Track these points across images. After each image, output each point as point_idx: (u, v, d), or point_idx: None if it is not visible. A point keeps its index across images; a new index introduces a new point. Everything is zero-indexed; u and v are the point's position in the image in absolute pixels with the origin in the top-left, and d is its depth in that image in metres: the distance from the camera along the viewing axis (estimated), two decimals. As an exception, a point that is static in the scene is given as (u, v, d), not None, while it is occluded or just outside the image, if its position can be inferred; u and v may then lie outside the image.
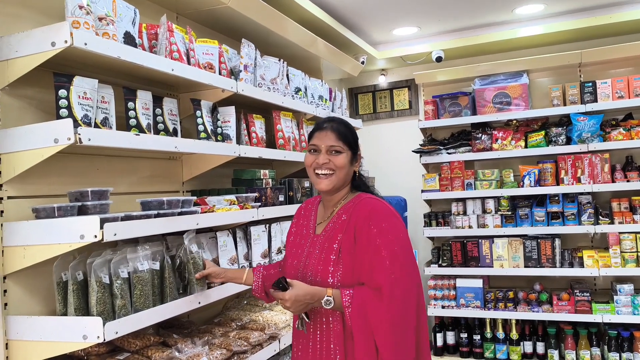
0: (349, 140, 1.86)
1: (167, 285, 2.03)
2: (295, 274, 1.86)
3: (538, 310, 4.17)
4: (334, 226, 1.83)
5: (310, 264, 1.83)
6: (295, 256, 1.92)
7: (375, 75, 5.34)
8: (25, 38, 1.76)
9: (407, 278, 1.70)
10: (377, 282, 1.68)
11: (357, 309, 1.67)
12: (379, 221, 1.74)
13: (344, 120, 1.94)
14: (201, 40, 2.44)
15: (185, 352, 2.03)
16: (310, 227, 1.94)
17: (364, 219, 1.75)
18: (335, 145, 1.83)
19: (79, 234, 1.67)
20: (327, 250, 1.80)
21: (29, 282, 1.88)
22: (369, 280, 1.71)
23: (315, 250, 1.84)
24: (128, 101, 2.06)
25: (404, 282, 1.69)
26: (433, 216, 4.65)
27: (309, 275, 1.81)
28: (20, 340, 1.79)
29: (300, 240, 1.95)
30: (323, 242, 1.83)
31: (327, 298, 1.70)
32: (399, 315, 1.66)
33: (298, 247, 1.93)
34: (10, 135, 1.79)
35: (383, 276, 1.67)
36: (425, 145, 4.64)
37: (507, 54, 4.81)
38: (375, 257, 1.70)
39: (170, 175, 2.62)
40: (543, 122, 4.46)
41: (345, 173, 1.85)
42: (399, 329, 1.66)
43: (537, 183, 4.24)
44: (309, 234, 1.93)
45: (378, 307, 1.66)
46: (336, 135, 1.84)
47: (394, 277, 1.67)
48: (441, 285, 4.50)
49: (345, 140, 1.85)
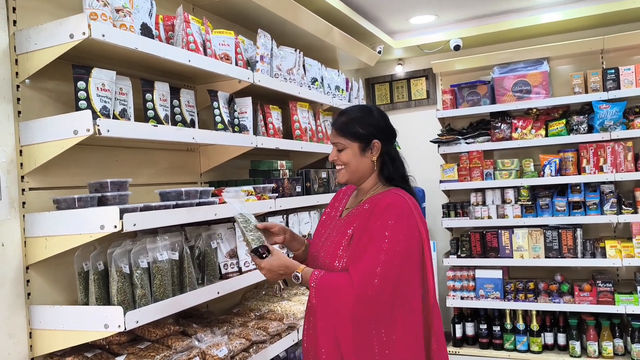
0: (352, 132, 1.82)
1: (186, 275, 2.05)
2: (314, 252, 1.91)
3: (559, 301, 4.11)
4: (355, 213, 1.84)
5: (326, 245, 1.86)
6: (319, 235, 1.96)
7: (392, 64, 5.30)
8: (44, 31, 1.77)
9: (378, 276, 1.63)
10: (352, 270, 1.67)
11: (320, 291, 1.68)
12: (387, 217, 1.71)
13: (353, 110, 1.89)
14: (217, 31, 2.44)
15: (205, 341, 2.05)
16: (339, 211, 1.98)
17: (379, 211, 1.74)
18: (337, 142, 1.85)
19: (99, 225, 1.69)
20: (341, 235, 1.82)
21: (51, 272, 1.91)
22: (350, 267, 1.70)
23: (333, 233, 1.87)
24: (146, 92, 2.07)
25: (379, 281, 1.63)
26: (452, 207, 4.61)
27: (322, 255, 1.84)
28: (43, 330, 1.82)
29: (328, 221, 1.98)
30: (341, 227, 1.85)
31: (296, 274, 1.74)
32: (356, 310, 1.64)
33: (324, 227, 1.97)
34: (30, 128, 1.81)
35: (359, 267, 1.66)
36: (443, 135, 4.60)
37: (526, 41, 4.72)
38: (363, 247, 1.69)
39: (188, 166, 2.63)
40: (564, 111, 4.38)
41: (356, 165, 1.83)
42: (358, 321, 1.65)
43: (558, 172, 4.17)
44: (335, 217, 1.96)
45: (340, 292, 1.66)
46: (337, 132, 1.85)
47: (363, 269, 1.64)
48: (460, 276, 4.47)
49: (348, 134, 1.82)
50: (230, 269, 2.34)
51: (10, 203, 1.80)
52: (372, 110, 1.89)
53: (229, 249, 2.37)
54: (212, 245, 2.27)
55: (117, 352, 1.94)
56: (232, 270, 2.35)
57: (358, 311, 1.65)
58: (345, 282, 1.66)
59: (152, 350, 1.93)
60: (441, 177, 4.56)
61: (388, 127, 1.88)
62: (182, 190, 2.04)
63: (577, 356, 4.06)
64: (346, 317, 1.66)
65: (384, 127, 1.86)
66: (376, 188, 1.86)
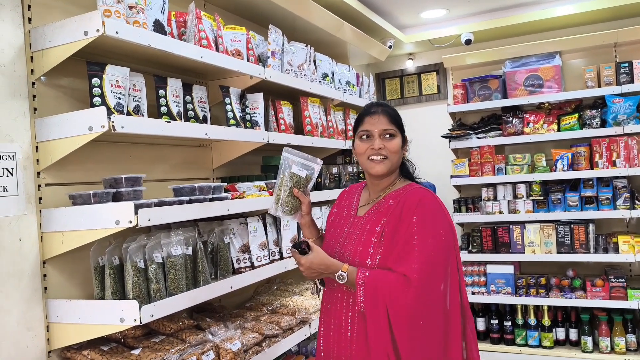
0: (400, 124, 1.83)
1: (199, 270, 2.06)
2: (332, 253, 1.84)
3: (571, 297, 4.09)
4: (379, 210, 1.80)
5: (349, 244, 1.81)
6: (333, 236, 1.91)
7: (403, 59, 5.28)
8: (59, 28, 1.79)
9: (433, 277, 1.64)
10: (402, 269, 1.64)
11: (371, 290, 1.64)
12: (423, 212, 1.70)
13: (391, 105, 1.91)
14: (229, 27, 2.44)
15: (219, 335, 2.07)
16: (351, 209, 1.93)
17: (410, 207, 1.71)
18: (389, 128, 1.79)
19: (115, 220, 1.71)
20: (369, 233, 1.77)
21: (67, 266, 1.94)
22: (395, 266, 1.67)
23: (355, 232, 1.82)
24: (159, 89, 2.08)
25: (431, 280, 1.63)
26: (463, 202, 4.59)
27: (347, 255, 1.79)
28: (60, 323, 1.84)
29: (340, 220, 1.93)
30: (364, 224, 1.81)
31: (341, 273, 1.68)
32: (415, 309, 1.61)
33: (337, 227, 1.93)
34: (46, 124, 1.84)
35: (408, 264, 1.63)
36: (454, 130, 4.58)
37: (538, 35, 4.68)
38: (406, 245, 1.67)
39: (201, 162, 2.65)
40: (576, 105, 4.34)
41: (399, 157, 1.82)
42: (417, 321, 1.61)
43: (571, 167, 4.14)
44: (349, 216, 1.91)
45: (398, 291, 1.62)
46: (389, 119, 1.80)
47: (416, 267, 1.62)
48: (471, 272, 4.46)
49: (397, 124, 1.82)
50: (242, 264, 2.35)
51: (27, 199, 1.82)
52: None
53: (242, 244, 2.39)
54: (224, 241, 2.29)
55: (132, 345, 1.96)
56: (245, 265, 2.37)
57: (416, 310, 1.61)
58: (399, 281, 1.62)
59: (167, 344, 1.95)
60: (452, 172, 4.54)
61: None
62: (196, 185, 2.05)
63: (589, 352, 4.04)
64: (404, 316, 1.61)
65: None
66: (395, 183, 1.85)
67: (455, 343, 1.69)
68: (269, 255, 2.52)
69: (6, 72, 1.78)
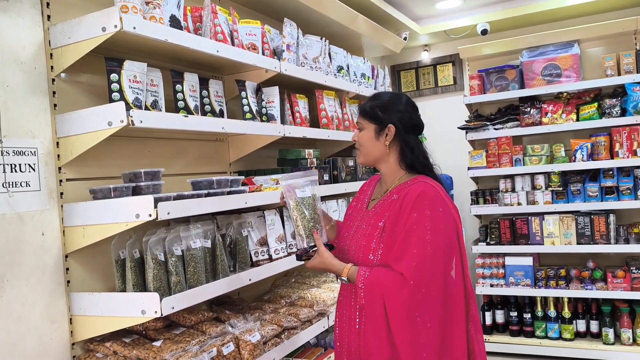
0: (371, 115, 1.84)
1: (218, 262, 2.08)
2: (343, 246, 1.90)
3: (592, 288, 4.05)
4: (384, 204, 1.81)
5: (356, 238, 1.85)
6: (347, 228, 1.94)
7: (418, 51, 5.24)
8: (77, 25, 1.81)
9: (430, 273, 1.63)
10: (399, 267, 1.65)
11: (368, 290, 1.69)
12: (422, 207, 1.68)
13: (383, 95, 1.90)
14: (244, 21, 2.45)
15: (238, 327, 2.09)
16: (365, 202, 1.96)
17: (410, 202, 1.70)
18: (358, 121, 1.90)
19: (135, 213, 1.73)
20: (372, 227, 1.79)
21: (88, 260, 1.97)
22: (394, 263, 1.67)
23: (363, 225, 1.85)
24: (176, 84, 2.10)
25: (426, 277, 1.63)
26: (480, 194, 4.56)
27: (353, 249, 1.83)
28: (82, 316, 1.88)
29: (355, 213, 1.96)
30: (370, 219, 1.83)
31: (342, 278, 1.76)
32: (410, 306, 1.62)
33: (351, 219, 1.95)
34: (66, 120, 1.86)
35: (404, 262, 1.64)
36: (471, 122, 4.54)
37: (556, 23, 4.61)
38: (404, 242, 1.67)
39: (218, 156, 2.67)
40: (596, 94, 4.27)
41: (370, 148, 1.85)
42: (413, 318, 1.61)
43: (590, 157, 4.08)
44: (362, 209, 1.94)
45: (393, 291, 1.63)
46: (359, 113, 1.90)
47: (413, 265, 1.62)
48: (489, 264, 4.43)
49: (367, 116, 1.86)
50: (260, 257, 2.37)
51: (49, 194, 1.85)
52: (401, 98, 1.87)
53: (260, 236, 2.40)
54: (242, 234, 2.30)
55: (153, 337, 1.99)
56: (263, 257, 2.38)
57: (412, 307, 1.62)
58: (396, 280, 1.64)
59: (187, 336, 1.97)
60: (469, 164, 4.51)
61: (411, 117, 1.84)
62: (214, 179, 2.07)
63: (610, 343, 3.99)
64: (401, 315, 1.62)
65: (406, 117, 1.83)
66: (401, 177, 1.84)
67: (458, 333, 1.68)
68: (286, 248, 2.53)
69: (27, 69, 1.81)
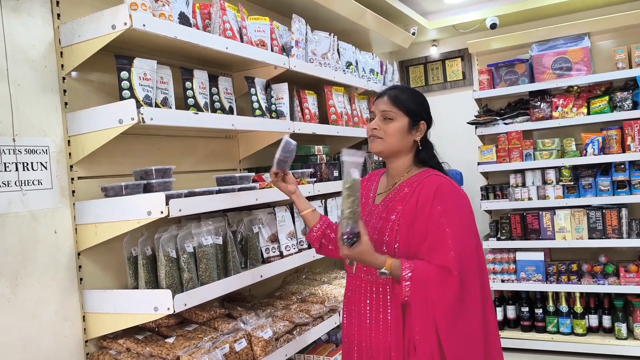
0: (407, 106, 1.78)
1: (230, 259, 2.08)
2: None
3: (604, 283, 4.01)
4: (395, 197, 1.79)
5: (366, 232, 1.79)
6: None
7: (427, 46, 5.21)
8: (87, 23, 1.81)
9: (467, 260, 1.64)
10: (439, 261, 1.63)
11: (416, 286, 1.62)
12: (444, 200, 1.68)
13: (410, 88, 1.87)
14: (253, 17, 2.45)
15: (250, 323, 2.09)
16: (370, 197, 1.92)
17: (428, 196, 1.69)
18: (387, 110, 1.77)
19: (146, 211, 1.73)
20: (385, 221, 1.77)
21: (101, 257, 1.98)
22: (430, 258, 1.65)
23: (372, 220, 1.82)
24: (185, 81, 2.10)
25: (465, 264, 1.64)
26: (490, 189, 4.53)
27: None
28: (96, 313, 1.89)
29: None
30: (381, 212, 1.80)
31: (384, 271, 1.64)
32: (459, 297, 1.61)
33: None
34: (77, 118, 1.87)
35: (444, 255, 1.63)
36: (480, 116, 4.51)
37: (566, 16, 4.56)
38: (437, 235, 1.65)
39: (227, 153, 2.67)
40: (607, 87, 4.23)
41: (398, 140, 1.78)
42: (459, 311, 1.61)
43: (601, 151, 4.05)
44: (367, 203, 1.90)
45: (438, 284, 1.62)
46: (391, 101, 1.78)
47: (453, 256, 1.62)
48: (500, 259, 4.40)
49: (402, 106, 1.77)
50: (272, 253, 2.37)
51: (61, 192, 1.86)
52: (421, 94, 1.89)
53: (270, 233, 2.40)
54: (253, 230, 2.31)
55: (166, 334, 1.99)
56: (274, 254, 2.38)
57: (458, 297, 1.61)
58: (441, 274, 1.62)
59: (200, 332, 1.98)
60: (479, 159, 4.48)
61: (431, 116, 1.88)
62: (237, 176, 2.11)
63: (623, 338, 3.96)
64: (447, 305, 1.61)
65: (429, 113, 1.87)
66: (410, 170, 1.83)
67: (492, 318, 1.73)
68: (297, 244, 2.52)
69: (38, 67, 1.81)
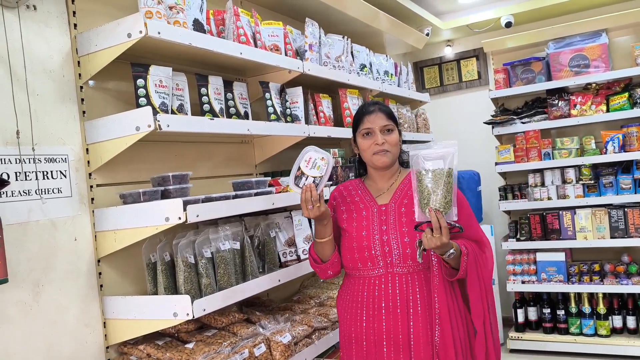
0: (395, 118, 1.98)
1: (248, 264, 2.09)
2: (369, 244, 1.85)
3: (627, 283, 3.94)
4: (402, 194, 1.92)
5: (388, 230, 1.86)
6: (362, 228, 1.89)
7: (441, 46, 5.18)
8: (103, 32, 1.84)
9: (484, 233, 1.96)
10: (474, 236, 1.88)
11: (471, 256, 1.80)
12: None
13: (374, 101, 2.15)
14: (266, 22, 2.45)
15: (269, 328, 2.09)
16: (367, 201, 1.95)
17: None
18: (387, 124, 1.93)
19: (164, 217, 1.74)
20: (406, 215, 1.87)
21: (120, 264, 1.99)
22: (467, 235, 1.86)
23: (390, 219, 1.88)
24: (201, 87, 2.11)
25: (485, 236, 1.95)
26: (509, 189, 4.47)
27: (393, 242, 1.83)
28: (116, 319, 1.90)
29: (360, 214, 1.93)
30: (397, 209, 1.89)
31: (453, 251, 1.74)
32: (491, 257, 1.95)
33: (360, 219, 1.91)
34: (95, 127, 1.89)
35: (476, 231, 1.90)
36: (497, 116, 4.47)
37: (582, 13, 4.50)
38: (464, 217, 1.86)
39: (243, 158, 2.68)
40: (626, 84, 4.16)
41: (398, 149, 1.98)
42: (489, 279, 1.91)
43: (622, 149, 3.98)
44: (369, 207, 1.93)
45: (480, 253, 1.86)
46: (386, 115, 1.94)
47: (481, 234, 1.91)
48: (520, 260, 4.35)
49: (393, 118, 1.97)
50: (289, 257, 2.37)
51: (80, 199, 1.88)
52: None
53: (287, 237, 2.40)
54: (270, 235, 2.31)
55: (186, 340, 2.00)
56: (291, 258, 2.38)
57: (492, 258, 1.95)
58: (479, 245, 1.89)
59: (219, 338, 1.98)
60: (497, 159, 4.43)
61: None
62: (253, 180, 2.13)
63: (649, 340, 3.89)
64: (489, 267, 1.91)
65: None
66: (400, 171, 2.00)
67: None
68: (314, 248, 2.52)
69: (56, 77, 1.84)
